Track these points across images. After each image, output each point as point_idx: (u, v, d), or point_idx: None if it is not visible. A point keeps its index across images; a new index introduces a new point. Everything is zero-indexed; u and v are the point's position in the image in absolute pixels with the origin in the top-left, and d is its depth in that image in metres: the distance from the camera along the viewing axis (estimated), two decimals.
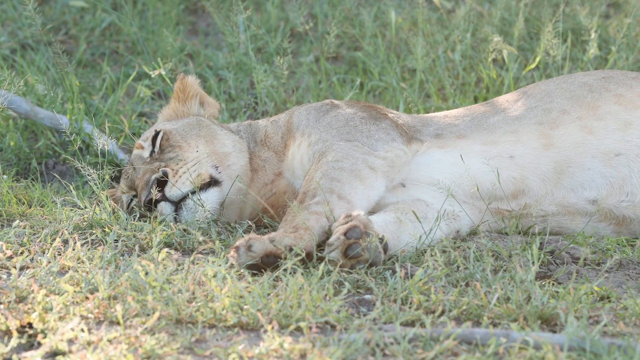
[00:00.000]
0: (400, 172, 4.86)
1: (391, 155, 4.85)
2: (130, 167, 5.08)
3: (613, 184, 4.85)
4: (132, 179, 5.02)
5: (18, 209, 5.14)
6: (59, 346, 3.66)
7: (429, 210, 4.81)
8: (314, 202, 4.53)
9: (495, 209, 4.85)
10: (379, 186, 4.79)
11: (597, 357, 3.64)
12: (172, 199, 4.85)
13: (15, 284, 4.01)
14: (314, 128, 5.00)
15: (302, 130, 5.03)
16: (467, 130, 4.96)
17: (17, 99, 6.19)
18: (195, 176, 4.89)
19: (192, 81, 5.37)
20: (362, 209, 4.60)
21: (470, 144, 4.91)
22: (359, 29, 7.14)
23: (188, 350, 3.71)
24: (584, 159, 4.86)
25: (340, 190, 4.62)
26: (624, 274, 4.57)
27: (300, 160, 4.97)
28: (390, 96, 6.59)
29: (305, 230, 4.38)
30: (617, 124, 4.91)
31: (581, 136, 4.89)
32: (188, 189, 4.86)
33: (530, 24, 7.09)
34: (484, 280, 4.23)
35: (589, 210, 4.85)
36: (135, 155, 5.10)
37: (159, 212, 4.83)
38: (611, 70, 5.30)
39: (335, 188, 4.63)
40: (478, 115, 5.03)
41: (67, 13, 7.52)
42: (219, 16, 7.23)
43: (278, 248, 4.26)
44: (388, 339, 3.73)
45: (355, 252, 4.29)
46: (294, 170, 4.99)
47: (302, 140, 4.99)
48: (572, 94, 5.02)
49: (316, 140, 4.94)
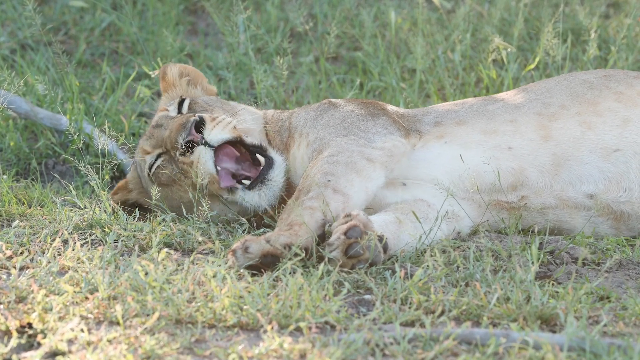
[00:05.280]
0: (400, 162, 4.82)
1: (389, 145, 4.81)
2: (153, 129, 4.96)
3: (611, 179, 4.86)
4: (160, 136, 4.88)
5: (18, 209, 5.14)
6: (58, 346, 3.66)
7: (430, 210, 4.80)
8: (308, 197, 4.48)
9: (494, 201, 4.85)
10: (377, 177, 4.73)
11: (597, 357, 3.64)
12: (212, 143, 4.75)
13: (15, 284, 4.01)
14: (311, 127, 4.97)
15: (300, 130, 5.00)
16: (466, 117, 4.95)
17: (17, 99, 6.19)
18: (231, 128, 4.82)
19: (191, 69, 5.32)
20: (359, 201, 4.56)
21: (470, 131, 4.90)
22: (358, 29, 7.14)
23: (188, 350, 3.71)
24: (582, 153, 4.87)
25: (336, 184, 4.57)
26: (623, 274, 4.57)
27: (301, 160, 4.95)
28: (390, 96, 6.59)
29: (299, 226, 4.34)
30: (616, 120, 4.92)
31: (580, 131, 4.90)
32: (228, 135, 4.79)
33: (530, 24, 7.09)
34: (483, 280, 4.24)
35: (587, 204, 4.86)
36: (161, 115, 5.00)
37: (195, 159, 4.74)
38: (612, 69, 5.31)
39: (330, 182, 4.57)
40: (478, 102, 5.04)
41: (67, 13, 7.52)
42: (218, 16, 7.22)
43: (275, 247, 4.24)
44: (388, 339, 3.73)
45: (355, 252, 4.29)
46: (296, 171, 4.96)
47: (301, 140, 4.97)
48: (572, 90, 5.03)
49: (314, 139, 4.91)
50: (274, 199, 4.82)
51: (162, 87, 5.32)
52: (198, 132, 4.74)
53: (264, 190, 4.79)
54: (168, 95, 5.29)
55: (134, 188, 5.17)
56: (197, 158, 4.75)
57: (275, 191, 4.81)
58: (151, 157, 4.94)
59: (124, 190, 5.18)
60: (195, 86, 5.30)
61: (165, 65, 5.33)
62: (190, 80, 5.30)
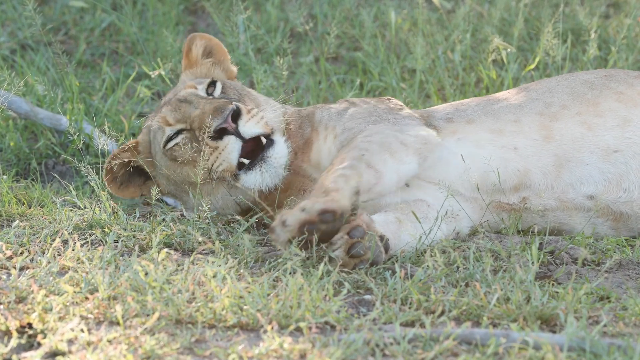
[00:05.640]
0: (434, 152, 4.78)
1: (423, 133, 4.77)
2: (180, 102, 4.90)
3: (611, 180, 4.86)
4: (187, 113, 4.84)
5: (18, 209, 5.14)
6: (58, 346, 3.66)
7: (429, 210, 4.80)
8: (342, 166, 4.39)
9: (496, 203, 4.84)
10: (409, 162, 4.69)
11: (597, 357, 3.64)
12: (245, 135, 4.73)
13: (15, 284, 4.01)
14: (337, 121, 4.93)
15: (326, 124, 4.94)
16: (474, 115, 4.94)
17: (17, 100, 6.19)
18: (264, 123, 4.80)
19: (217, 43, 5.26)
20: (391, 182, 4.51)
21: (479, 130, 4.89)
22: (358, 29, 7.14)
23: (188, 350, 3.71)
24: (582, 154, 4.87)
25: (369, 159, 4.50)
26: (623, 274, 4.57)
27: (328, 152, 4.89)
28: (390, 96, 6.59)
29: (336, 192, 4.26)
30: (617, 121, 4.93)
31: (580, 131, 4.91)
32: (260, 130, 4.77)
33: (530, 24, 7.09)
34: (483, 280, 4.24)
35: (587, 205, 4.86)
36: (190, 92, 4.96)
37: (222, 147, 4.72)
38: (613, 69, 5.31)
39: (364, 156, 4.50)
40: (483, 101, 5.03)
41: (67, 13, 7.52)
42: (218, 16, 7.23)
43: (311, 215, 4.16)
44: (388, 339, 3.73)
45: (357, 252, 4.29)
46: (322, 163, 4.90)
47: (327, 133, 4.91)
48: (573, 90, 5.04)
49: (342, 130, 4.86)
50: (277, 178, 4.78)
51: (185, 64, 5.27)
52: (233, 121, 4.73)
53: (265, 167, 4.76)
54: (191, 72, 5.25)
55: (143, 152, 5.09)
56: (225, 146, 4.74)
57: (277, 169, 4.77)
58: (171, 130, 4.90)
59: (133, 151, 5.10)
60: (219, 66, 5.27)
61: (190, 38, 5.26)
62: (213, 62, 5.26)
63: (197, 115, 4.80)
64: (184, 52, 5.26)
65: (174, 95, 5.03)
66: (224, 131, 4.70)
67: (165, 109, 4.95)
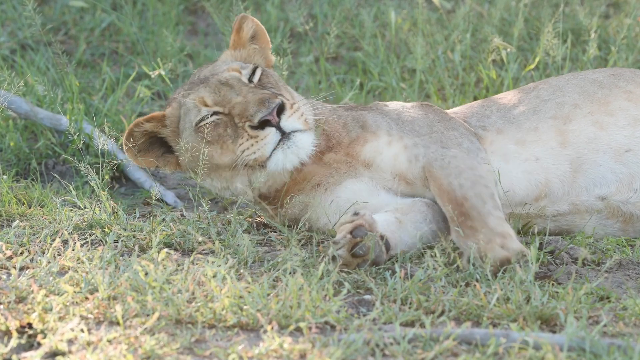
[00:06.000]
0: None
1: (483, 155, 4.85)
2: (221, 85, 4.89)
3: (622, 180, 4.85)
4: (227, 97, 4.84)
5: (18, 209, 5.14)
6: (58, 346, 3.66)
7: (429, 211, 4.80)
8: (487, 210, 4.55)
9: (510, 213, 4.82)
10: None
11: (597, 357, 3.64)
12: (286, 130, 4.74)
13: (15, 284, 4.01)
14: (399, 130, 4.90)
15: (387, 130, 4.90)
16: (502, 124, 4.94)
17: (17, 100, 6.19)
18: (304, 120, 4.82)
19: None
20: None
21: (507, 141, 4.89)
22: (358, 29, 7.14)
23: (188, 350, 3.71)
24: (596, 155, 4.86)
25: (493, 203, 4.63)
26: (623, 274, 4.57)
27: (393, 157, 4.83)
28: (390, 96, 6.59)
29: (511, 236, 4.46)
30: (627, 119, 4.92)
31: (593, 131, 4.90)
32: (300, 126, 4.79)
33: (530, 24, 7.09)
34: (483, 280, 4.24)
35: (598, 207, 4.85)
36: (233, 76, 4.95)
37: (261, 137, 4.73)
38: (620, 68, 5.31)
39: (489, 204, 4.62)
40: (500, 106, 5.04)
41: (67, 13, 7.52)
42: (218, 16, 7.23)
43: (510, 254, 4.38)
44: (388, 339, 3.73)
45: (358, 251, 4.30)
46: (375, 163, 4.89)
47: (392, 139, 4.86)
48: (583, 89, 5.03)
49: (413, 144, 4.82)
50: (300, 157, 4.78)
51: (234, 41, 5.24)
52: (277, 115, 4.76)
53: (288, 144, 4.77)
54: (235, 53, 5.24)
55: (170, 125, 5.02)
56: (265, 136, 4.75)
57: (299, 150, 4.78)
58: (207, 111, 4.87)
59: (159, 122, 5.04)
60: (261, 54, 5.27)
61: (242, 17, 5.23)
62: (257, 49, 5.26)
63: (239, 102, 4.81)
64: (234, 29, 5.23)
65: (212, 75, 5.02)
66: (267, 123, 4.73)
67: (203, 89, 4.94)
